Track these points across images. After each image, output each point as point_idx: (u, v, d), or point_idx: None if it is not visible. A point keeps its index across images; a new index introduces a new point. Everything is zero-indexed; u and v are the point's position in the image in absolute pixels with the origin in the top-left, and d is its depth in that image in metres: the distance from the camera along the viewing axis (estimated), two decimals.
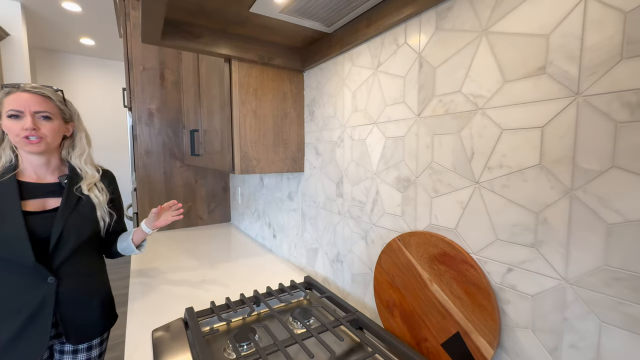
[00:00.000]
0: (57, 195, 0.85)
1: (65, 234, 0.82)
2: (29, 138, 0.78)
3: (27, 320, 0.79)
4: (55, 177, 0.87)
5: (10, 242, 0.76)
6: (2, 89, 0.79)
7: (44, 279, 0.80)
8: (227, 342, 0.75)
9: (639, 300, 0.40)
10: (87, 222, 0.87)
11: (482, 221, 0.57)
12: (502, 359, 0.55)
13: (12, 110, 0.77)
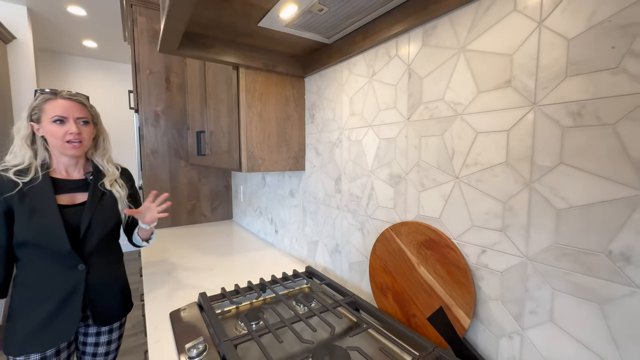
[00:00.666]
0: (83, 190, 0.93)
1: (93, 225, 0.91)
2: (72, 142, 0.86)
3: (61, 302, 0.87)
4: (81, 174, 0.95)
5: (49, 232, 0.84)
6: (40, 95, 0.87)
7: (75, 266, 0.88)
8: (238, 322, 0.84)
9: (581, 270, 0.49)
10: (110, 214, 0.96)
11: (461, 211, 0.67)
12: (477, 327, 0.65)
13: (57, 116, 0.84)
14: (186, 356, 0.69)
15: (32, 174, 0.86)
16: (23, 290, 0.86)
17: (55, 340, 0.88)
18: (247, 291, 0.98)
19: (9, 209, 0.83)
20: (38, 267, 0.86)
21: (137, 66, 1.86)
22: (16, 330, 0.85)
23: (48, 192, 0.86)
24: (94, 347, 1.01)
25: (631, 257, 0.44)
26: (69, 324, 0.89)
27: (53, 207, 0.86)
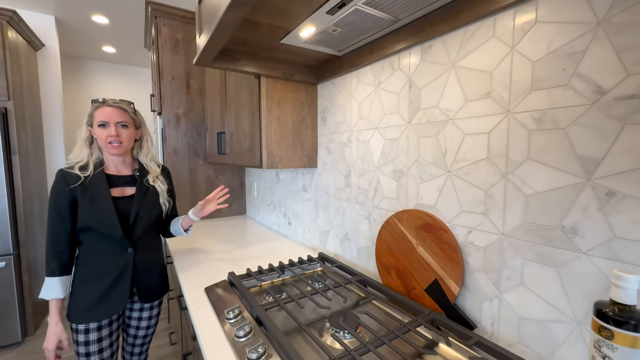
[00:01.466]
0: (131, 185, 1.09)
1: (140, 215, 1.06)
2: (112, 143, 1.02)
3: (114, 280, 1.02)
4: (129, 171, 1.10)
5: (105, 220, 0.99)
6: (93, 104, 1.03)
7: (126, 249, 1.04)
8: (264, 295, 0.99)
9: (543, 242, 0.63)
10: (154, 206, 1.11)
11: (452, 199, 0.81)
12: (465, 294, 0.79)
13: (101, 121, 1.00)
14: (224, 318, 0.84)
15: (91, 170, 1.02)
16: (83, 269, 1.02)
17: (109, 312, 1.03)
18: (269, 272, 1.13)
19: (73, 199, 0.99)
20: (96, 250, 1.02)
21: (161, 72, 2.02)
22: (78, 302, 1.00)
23: (103, 185, 1.02)
24: (137, 321, 1.17)
25: (578, 230, 0.58)
26: (120, 299, 1.04)
27: (107, 198, 1.01)
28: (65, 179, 0.99)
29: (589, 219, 0.56)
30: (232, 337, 0.76)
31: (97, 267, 1.02)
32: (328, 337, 0.76)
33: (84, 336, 1.00)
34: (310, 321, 0.82)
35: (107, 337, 1.05)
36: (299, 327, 0.77)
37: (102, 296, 1.01)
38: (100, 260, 1.02)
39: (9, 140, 2.04)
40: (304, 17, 0.86)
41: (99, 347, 1.03)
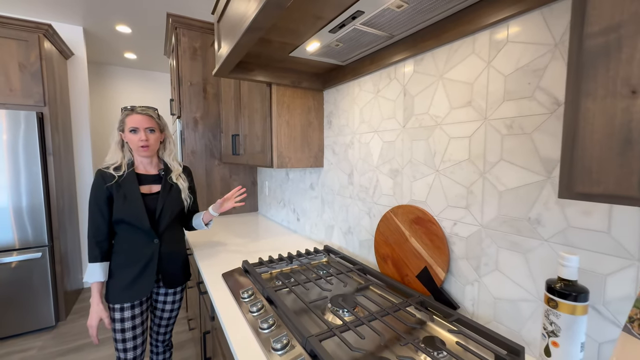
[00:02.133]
0: (157, 183, 1.23)
1: (165, 209, 1.20)
2: (142, 147, 1.15)
3: (143, 267, 1.17)
4: (156, 170, 1.25)
5: (136, 213, 1.14)
6: (124, 111, 1.16)
7: (152, 240, 1.18)
8: (274, 280, 1.11)
9: (513, 232, 0.73)
10: (177, 202, 1.25)
11: (440, 195, 0.91)
12: (450, 279, 0.89)
13: (132, 127, 1.14)
14: (239, 297, 0.97)
15: (124, 170, 1.16)
16: (119, 256, 1.17)
17: (139, 294, 1.17)
18: (279, 261, 1.25)
19: (110, 195, 1.13)
20: (129, 239, 1.17)
21: (180, 79, 2.18)
22: (115, 285, 1.15)
23: (134, 183, 1.16)
24: (162, 304, 1.32)
25: (541, 221, 0.68)
26: (148, 283, 1.18)
27: (137, 195, 1.15)
28: (103, 178, 1.13)
29: (549, 211, 0.66)
30: (247, 312, 0.89)
31: (129, 255, 1.17)
32: (329, 314, 0.88)
33: (119, 314, 1.15)
34: (314, 301, 0.94)
35: (139, 315, 1.20)
36: (304, 305, 0.89)
37: (133, 280, 1.16)
38: (132, 249, 1.17)
39: (45, 142, 2.25)
40: (310, 35, 0.98)
41: (132, 325, 1.18)
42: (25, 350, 2.04)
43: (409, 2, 0.75)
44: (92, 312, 1.13)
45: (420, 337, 0.76)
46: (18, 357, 1.97)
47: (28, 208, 2.17)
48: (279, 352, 0.70)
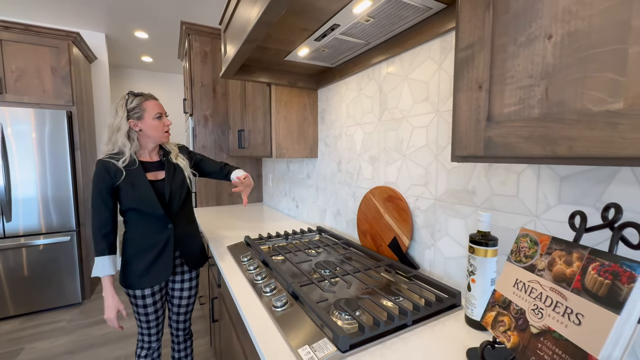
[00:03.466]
0: (161, 169, 1.23)
1: (174, 193, 1.22)
2: (167, 132, 1.24)
3: (159, 252, 1.19)
4: (158, 157, 1.25)
5: (146, 200, 1.14)
6: (135, 98, 1.13)
7: (166, 225, 1.20)
8: (271, 251, 1.31)
9: (457, 202, 0.90)
10: (183, 184, 1.26)
11: (406, 176, 1.09)
12: (413, 245, 1.07)
13: (158, 113, 1.15)
14: (240, 260, 1.17)
15: (129, 159, 1.14)
16: (132, 244, 1.18)
17: (158, 279, 1.21)
18: (277, 237, 1.45)
19: (114, 186, 1.12)
20: (141, 227, 1.18)
21: (192, 80, 2.40)
22: (131, 272, 1.18)
23: (140, 171, 1.15)
24: (179, 291, 1.35)
25: (475, 191, 0.85)
26: (166, 268, 1.21)
27: (145, 182, 1.15)
28: (106, 169, 1.11)
29: (480, 183, 0.83)
30: (245, 270, 1.08)
31: (144, 242, 1.18)
32: (314, 273, 1.07)
33: (142, 300, 1.21)
34: (301, 262, 1.13)
35: (159, 301, 1.27)
36: (292, 265, 1.08)
37: (150, 266, 1.18)
38: (145, 236, 1.18)
39: (73, 139, 2.51)
40: (299, 43, 1.17)
41: (155, 309, 1.25)
42: (57, 322, 2.30)
43: (374, 17, 0.93)
44: (108, 306, 1.15)
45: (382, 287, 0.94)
46: (51, 327, 2.24)
47: (58, 197, 2.43)
48: (267, 294, 0.90)
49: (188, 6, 2.49)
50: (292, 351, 0.65)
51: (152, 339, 1.31)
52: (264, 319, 0.78)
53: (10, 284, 2.33)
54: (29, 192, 2.34)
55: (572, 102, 0.39)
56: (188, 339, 1.47)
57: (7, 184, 2.27)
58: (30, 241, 2.36)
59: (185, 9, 2.53)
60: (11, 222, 2.31)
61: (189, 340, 1.48)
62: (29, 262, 2.38)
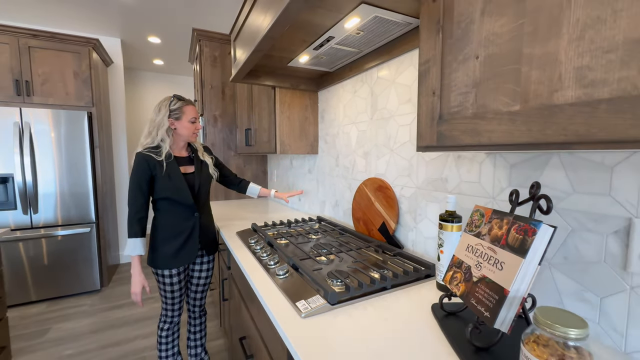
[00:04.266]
0: (189, 164, 1.40)
1: (202, 185, 1.40)
2: (196, 133, 1.42)
3: (186, 238, 1.35)
4: (186, 153, 1.44)
5: (180, 190, 1.31)
6: (179, 101, 1.30)
7: (193, 214, 1.36)
8: (275, 237, 1.47)
9: (434, 189, 1.05)
10: (208, 178, 1.45)
11: (393, 168, 1.24)
12: (399, 228, 1.22)
13: (193, 117, 1.33)
14: (248, 242, 1.33)
15: (165, 153, 1.30)
16: (162, 230, 1.34)
17: (185, 260, 1.37)
18: (280, 225, 1.61)
19: (152, 176, 1.28)
20: (172, 214, 1.34)
21: (202, 82, 2.58)
22: (161, 254, 1.33)
23: (175, 165, 1.32)
24: (199, 272, 1.53)
25: (447, 179, 1.00)
26: (192, 251, 1.38)
27: (180, 174, 1.32)
28: (146, 161, 1.26)
29: (452, 172, 0.98)
30: (253, 251, 1.25)
31: (173, 228, 1.34)
32: (312, 252, 1.23)
33: (169, 279, 1.37)
34: (301, 243, 1.29)
35: (182, 280, 1.43)
36: (294, 246, 1.24)
37: (179, 249, 1.35)
38: (175, 223, 1.34)
39: (93, 137, 2.71)
40: (300, 51, 1.33)
41: (179, 287, 1.42)
42: (79, 307, 2.50)
43: (363, 31, 1.09)
44: (136, 282, 1.30)
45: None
46: (73, 310, 2.44)
47: (79, 191, 2.63)
48: (272, 267, 1.06)
49: (199, 14, 2.66)
50: (291, 305, 0.81)
51: (175, 314, 1.47)
52: (269, 284, 0.94)
53: (34, 271, 2.54)
54: (52, 187, 2.54)
55: (490, 105, 0.55)
56: (203, 316, 1.64)
57: (34, 179, 2.48)
58: (53, 232, 2.56)
59: (196, 16, 2.71)
60: (38, 214, 2.51)
61: (204, 317, 1.65)
62: (52, 251, 2.58)
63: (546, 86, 0.46)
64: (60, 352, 1.92)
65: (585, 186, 0.66)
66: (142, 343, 2.00)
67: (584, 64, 0.42)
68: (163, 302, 1.45)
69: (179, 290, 1.43)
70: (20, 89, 2.44)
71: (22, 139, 2.41)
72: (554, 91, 0.45)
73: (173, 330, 1.49)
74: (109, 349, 1.94)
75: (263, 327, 0.96)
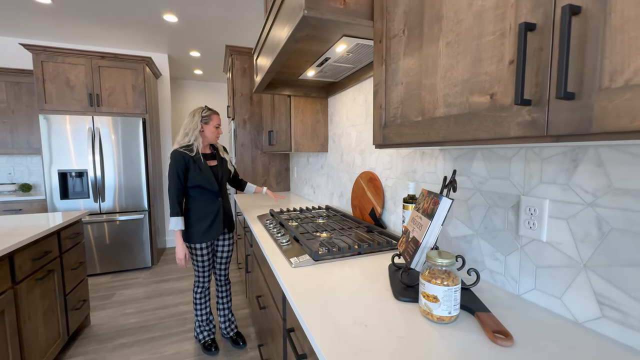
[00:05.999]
0: (211, 159, 1.77)
1: (223, 176, 1.87)
2: (217, 137, 1.85)
3: (213, 218, 1.75)
4: (209, 150, 1.80)
5: (209, 180, 1.71)
6: (209, 110, 1.71)
7: (217, 198, 1.82)
8: (287, 219, 1.79)
9: (408, 179, 1.30)
10: (227, 170, 1.90)
11: (380, 163, 1.50)
12: (384, 212, 1.47)
13: (217, 124, 1.75)
14: (265, 222, 1.67)
15: (195, 150, 1.68)
16: (195, 211, 1.71)
17: (213, 236, 1.76)
18: (293, 211, 1.93)
19: (186, 168, 1.65)
20: (202, 199, 1.72)
21: (234, 91, 2.98)
22: (195, 231, 1.71)
23: (203, 159, 1.72)
24: (222, 247, 1.93)
25: (416, 171, 1.24)
26: (218, 229, 1.77)
27: (208, 167, 1.75)
28: (182, 156, 1.63)
29: (419, 165, 1.23)
30: (269, 230, 1.57)
31: (203, 210, 1.72)
32: (314, 231, 1.53)
33: (200, 251, 1.75)
34: (308, 223, 1.59)
35: (210, 252, 1.81)
36: (301, 226, 1.55)
37: (208, 227, 1.74)
38: (204, 206, 1.73)
39: (146, 139, 3.24)
40: (306, 68, 1.63)
41: (208, 258, 1.80)
42: (135, 279, 3.03)
43: (352, 52, 1.36)
44: (179, 250, 1.68)
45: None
46: (131, 282, 2.97)
47: (135, 184, 3.17)
48: (278, 239, 1.37)
49: (231, 32, 3.07)
50: (287, 260, 1.11)
51: (205, 280, 1.86)
52: (274, 249, 1.26)
53: (99, 249, 3.11)
54: (114, 180, 3.10)
55: (408, 116, 0.81)
56: (227, 284, 2.01)
57: (102, 173, 3.05)
58: (115, 217, 3.12)
59: (228, 33, 3.12)
60: (105, 202, 3.08)
61: (228, 285, 2.02)
62: (113, 233, 3.14)
63: (432, 105, 0.72)
64: (123, 310, 2.41)
65: (496, 173, 0.89)
66: (183, 307, 2.44)
67: (446, 92, 0.67)
68: (195, 272, 1.83)
69: (208, 260, 1.81)
70: (93, 100, 3.02)
71: (93, 141, 2.99)
72: (435, 109, 0.71)
73: (204, 293, 1.88)
74: (159, 310, 2.40)
75: (271, 283, 1.27)
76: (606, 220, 0.64)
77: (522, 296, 0.83)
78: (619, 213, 0.62)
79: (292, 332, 0.94)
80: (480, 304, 0.76)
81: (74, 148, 2.95)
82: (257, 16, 2.75)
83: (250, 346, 1.95)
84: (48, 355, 1.63)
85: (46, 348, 1.62)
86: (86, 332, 2.12)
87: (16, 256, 1.40)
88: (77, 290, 2.01)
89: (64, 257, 1.84)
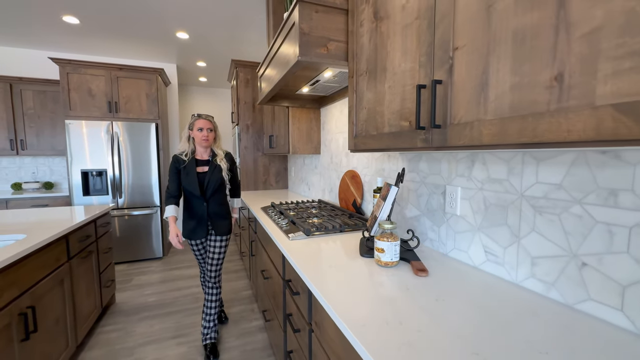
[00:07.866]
0: (206, 165, 1.91)
1: (210, 182, 1.92)
2: (203, 140, 2.06)
3: (198, 220, 1.86)
4: (207, 156, 1.90)
5: (192, 185, 1.80)
6: (193, 117, 1.87)
7: (202, 203, 1.87)
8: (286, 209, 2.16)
9: (379, 175, 1.67)
10: (218, 178, 2.01)
11: (360, 164, 1.87)
12: (363, 203, 1.85)
13: (199, 127, 1.79)
14: (268, 212, 2.04)
15: (189, 156, 1.84)
16: (185, 211, 1.87)
17: (198, 236, 1.88)
18: (291, 204, 2.30)
19: (179, 170, 1.81)
20: (189, 202, 1.86)
21: (238, 99, 3.36)
22: (185, 228, 1.87)
23: (193, 165, 1.81)
24: (213, 247, 1.92)
25: (384, 169, 1.62)
26: (203, 230, 1.88)
27: (194, 172, 1.80)
28: (177, 160, 1.82)
29: (387, 165, 1.60)
30: (271, 216, 1.94)
31: (190, 211, 1.87)
32: (307, 217, 1.90)
33: (191, 247, 1.97)
34: (302, 210, 1.96)
35: (202, 249, 2.00)
36: (297, 214, 1.93)
37: (195, 227, 1.87)
38: (191, 208, 1.87)
39: (158, 142, 3.60)
40: (301, 87, 2.01)
41: (200, 253, 2.00)
42: (149, 267, 3.39)
43: (337, 76, 1.74)
44: (171, 231, 1.79)
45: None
46: (146, 269, 3.32)
47: (148, 183, 3.53)
48: (281, 224, 1.74)
49: (235, 46, 3.45)
50: (286, 236, 1.48)
51: (200, 267, 2.20)
52: (276, 229, 1.63)
53: (116, 241, 3.46)
54: (129, 179, 3.46)
55: (369, 132, 1.18)
56: (215, 288, 1.95)
57: (120, 173, 3.40)
58: (130, 212, 3.47)
59: (233, 47, 3.49)
60: (122, 198, 3.44)
61: (216, 290, 1.95)
62: (128, 227, 3.49)
63: (382, 125, 1.10)
64: (143, 292, 2.77)
65: (433, 170, 1.27)
66: (194, 290, 2.80)
67: (389, 117, 1.05)
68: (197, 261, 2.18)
69: (200, 256, 2.03)
70: (111, 107, 3.38)
71: (112, 144, 3.35)
72: (383, 127, 1.09)
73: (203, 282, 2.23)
74: (173, 292, 2.76)
75: (273, 256, 1.65)
76: (487, 199, 1.02)
77: (448, 254, 1.21)
78: (493, 194, 1.00)
79: (289, 282, 1.31)
80: (416, 257, 1.14)
81: (94, 150, 3.31)
82: (258, 35, 3.13)
83: (255, 317, 2.31)
84: (89, 321, 1.99)
85: (87, 315, 1.98)
86: (113, 308, 2.48)
87: (70, 237, 1.76)
88: (107, 271, 2.37)
89: (99, 241, 2.20)
